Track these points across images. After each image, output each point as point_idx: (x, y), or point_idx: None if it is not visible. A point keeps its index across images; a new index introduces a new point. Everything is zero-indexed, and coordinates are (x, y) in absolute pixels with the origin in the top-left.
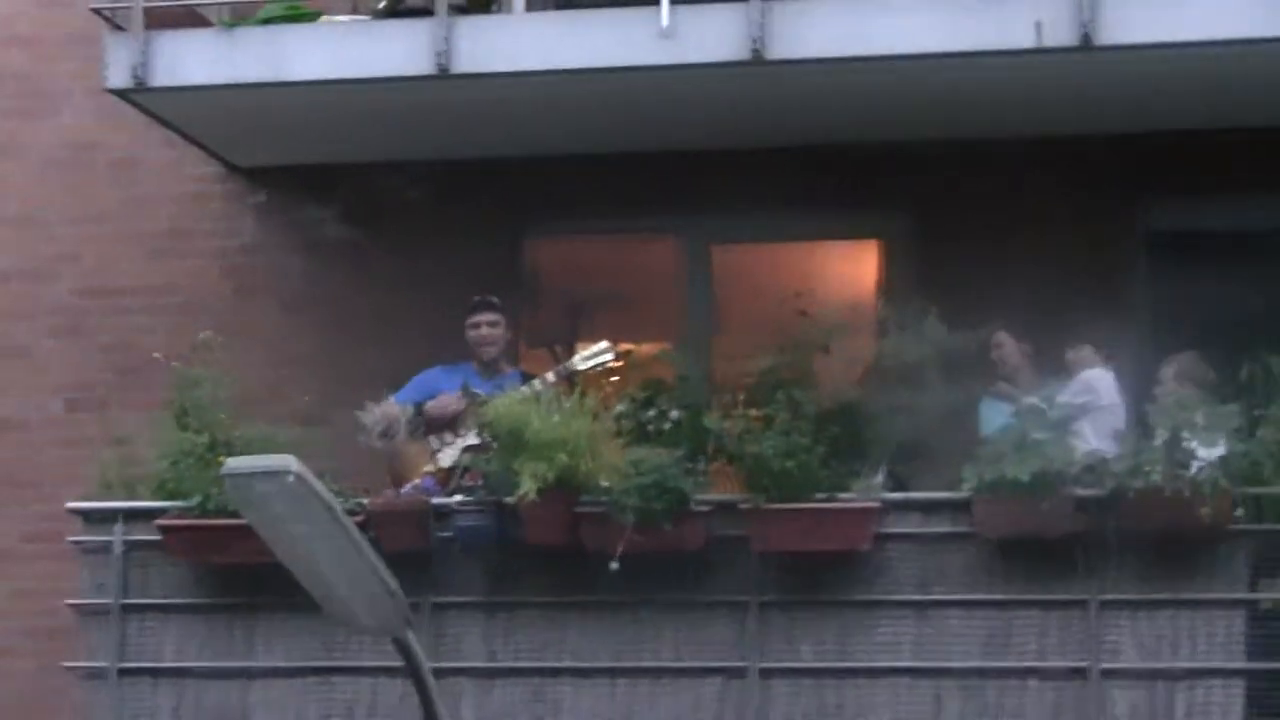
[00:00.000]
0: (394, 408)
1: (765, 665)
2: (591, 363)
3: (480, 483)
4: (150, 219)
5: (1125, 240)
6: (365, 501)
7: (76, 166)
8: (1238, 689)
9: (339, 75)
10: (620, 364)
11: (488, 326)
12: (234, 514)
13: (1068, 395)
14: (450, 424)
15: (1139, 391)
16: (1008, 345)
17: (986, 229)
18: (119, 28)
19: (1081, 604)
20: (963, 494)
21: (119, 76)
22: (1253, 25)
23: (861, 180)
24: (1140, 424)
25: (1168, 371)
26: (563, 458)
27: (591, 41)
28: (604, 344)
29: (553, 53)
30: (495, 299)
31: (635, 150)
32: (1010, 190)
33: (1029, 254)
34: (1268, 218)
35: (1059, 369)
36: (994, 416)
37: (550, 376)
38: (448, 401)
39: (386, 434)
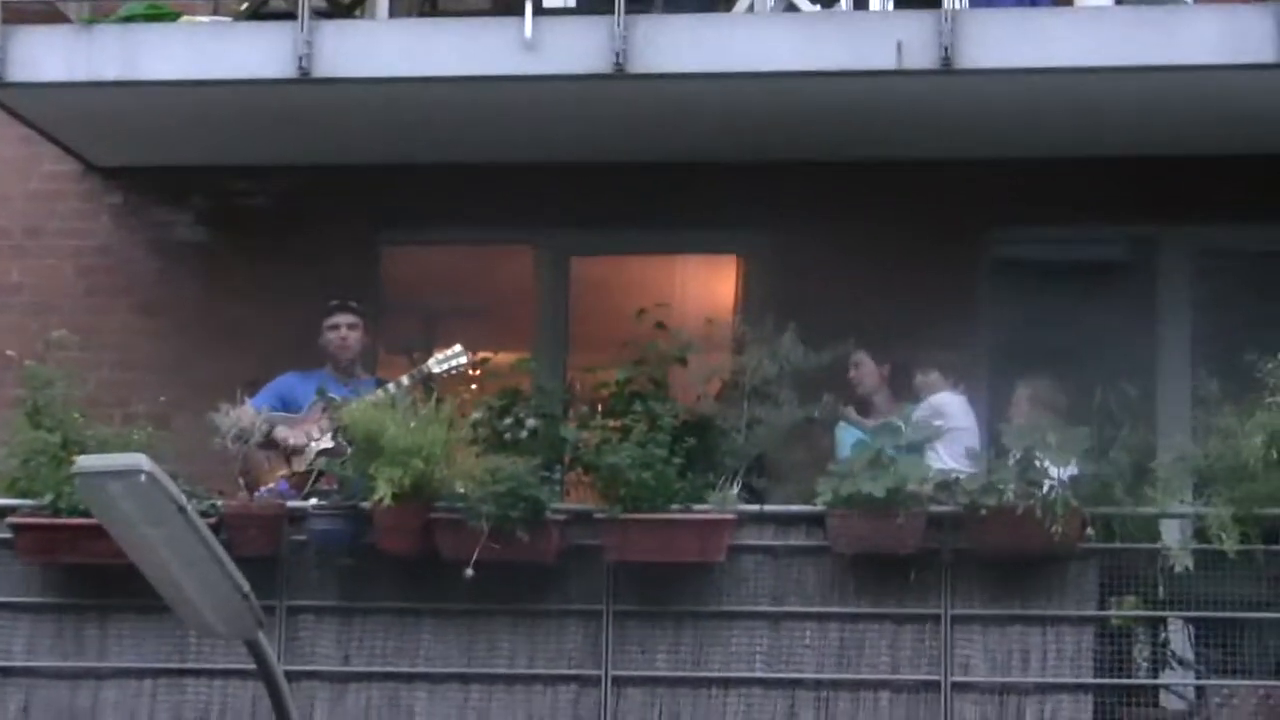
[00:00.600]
0: (248, 411)
1: (619, 674)
2: (446, 365)
3: (335, 487)
4: (1, 216)
5: (973, 265)
6: (219, 504)
7: None
8: (1086, 704)
9: (198, 76)
10: (475, 370)
11: (347, 329)
12: (85, 513)
13: (917, 417)
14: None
15: (988, 414)
16: (865, 365)
17: (842, 249)
18: None
19: (934, 618)
20: (817, 508)
21: None
22: (1108, 53)
23: (721, 196)
24: (994, 445)
25: (1021, 394)
26: (418, 464)
27: (455, 50)
28: (458, 348)
29: (415, 59)
30: (354, 302)
31: (496, 161)
32: (866, 211)
33: (883, 276)
34: (1110, 249)
35: (911, 391)
36: (849, 439)
37: (405, 380)
38: (290, 435)
39: (240, 437)
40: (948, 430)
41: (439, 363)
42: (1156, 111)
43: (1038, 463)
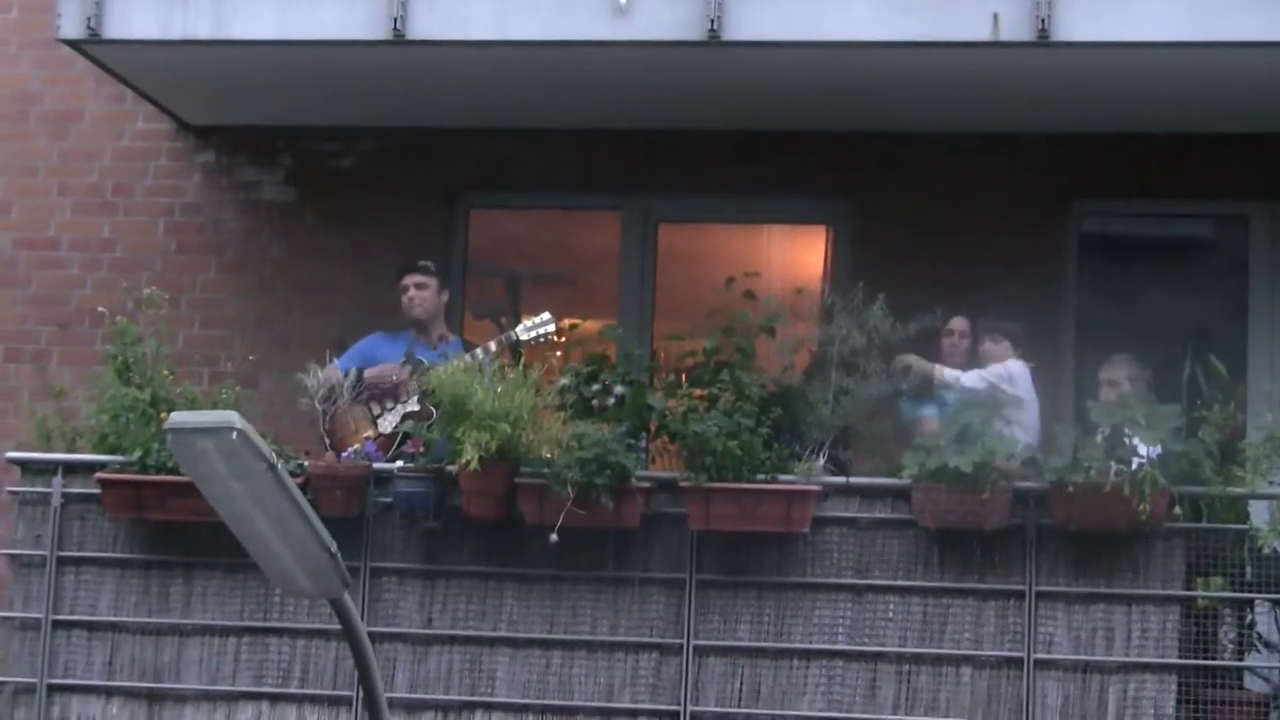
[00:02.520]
0: (335, 372)
1: (700, 643)
2: (534, 334)
3: (421, 450)
4: (90, 173)
5: (1062, 239)
6: (305, 464)
7: (11, 118)
8: (1170, 684)
9: (290, 36)
10: (561, 337)
11: (415, 289)
12: (173, 471)
13: (988, 375)
14: (391, 390)
15: (1074, 389)
16: (960, 336)
17: (931, 220)
18: None
19: (1018, 595)
20: (903, 481)
21: (72, 27)
22: (1203, 28)
23: (810, 165)
24: (1079, 421)
25: (1119, 374)
26: (504, 428)
27: (547, 14)
28: (546, 315)
29: (508, 23)
30: (428, 262)
31: (585, 126)
32: (955, 183)
33: (971, 248)
34: (1200, 225)
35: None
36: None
37: (492, 346)
38: (389, 370)
39: (329, 398)
40: (1022, 400)
41: (527, 330)
42: (1248, 87)
43: (1126, 440)
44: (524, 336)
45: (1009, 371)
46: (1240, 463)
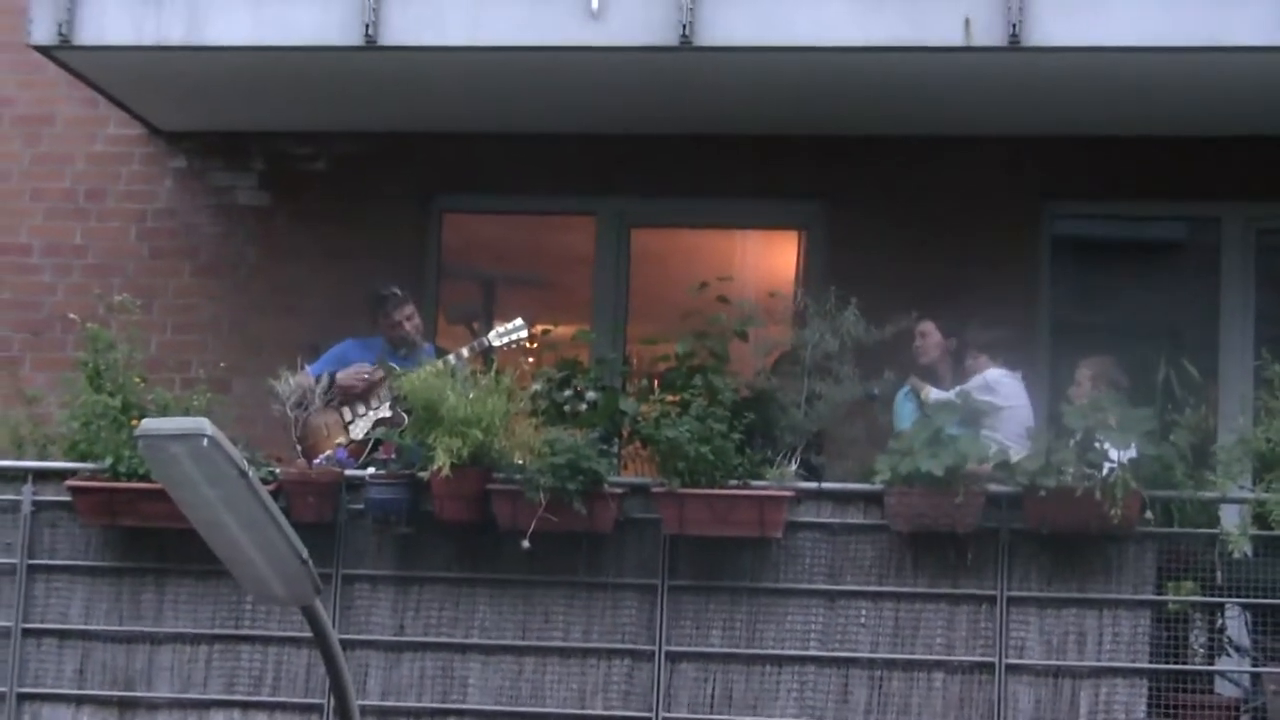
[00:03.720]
0: (308, 378)
1: (673, 649)
2: (506, 339)
3: (393, 456)
4: (62, 178)
5: (1035, 242)
6: (277, 470)
7: None
8: (1141, 689)
9: (263, 42)
10: (534, 342)
11: (408, 321)
12: (145, 477)
13: (966, 389)
14: (363, 395)
15: (1049, 391)
16: (931, 335)
17: (904, 224)
18: None
19: (989, 599)
20: (876, 486)
21: (43, 33)
22: (1174, 33)
23: (784, 170)
24: (1054, 424)
25: (1083, 374)
26: (477, 434)
27: (520, 19)
28: (519, 321)
29: (481, 28)
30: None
31: (559, 130)
32: (928, 186)
33: (944, 251)
34: (1171, 227)
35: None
36: (908, 411)
37: (465, 352)
38: (362, 370)
39: (301, 404)
40: (1000, 408)
41: (500, 335)
42: (1219, 90)
43: (1098, 444)
44: (497, 342)
45: (986, 381)
46: (1212, 466)
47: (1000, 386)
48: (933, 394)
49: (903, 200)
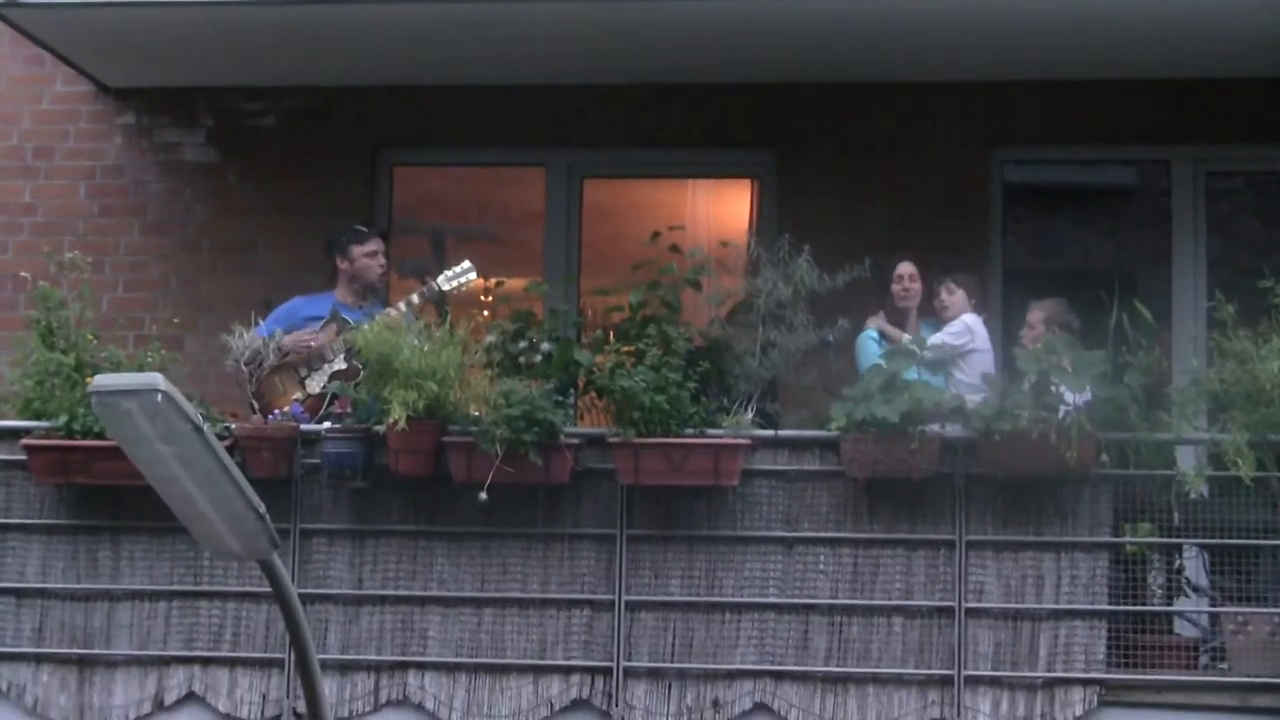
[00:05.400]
0: (258, 339)
1: (632, 598)
2: (455, 282)
3: (349, 410)
4: (9, 136)
5: (986, 188)
6: (233, 426)
7: None
8: (1100, 630)
9: None
10: (487, 296)
11: (384, 255)
12: (100, 435)
13: (948, 336)
14: (318, 351)
15: (1002, 336)
16: (917, 279)
17: (856, 171)
18: None
19: (947, 544)
20: (831, 433)
21: None
22: None
23: (735, 118)
24: (1006, 368)
25: (1035, 316)
26: (432, 387)
27: None
28: (467, 264)
29: None
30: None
31: (507, 82)
32: (879, 133)
33: (895, 198)
34: (1122, 171)
35: (926, 311)
36: (873, 352)
37: (415, 298)
38: (304, 337)
39: (253, 361)
40: (969, 352)
41: (448, 279)
42: (1168, 34)
43: (1053, 387)
44: (446, 286)
45: (968, 327)
46: (1166, 408)
47: (979, 331)
48: (907, 340)
49: (854, 148)
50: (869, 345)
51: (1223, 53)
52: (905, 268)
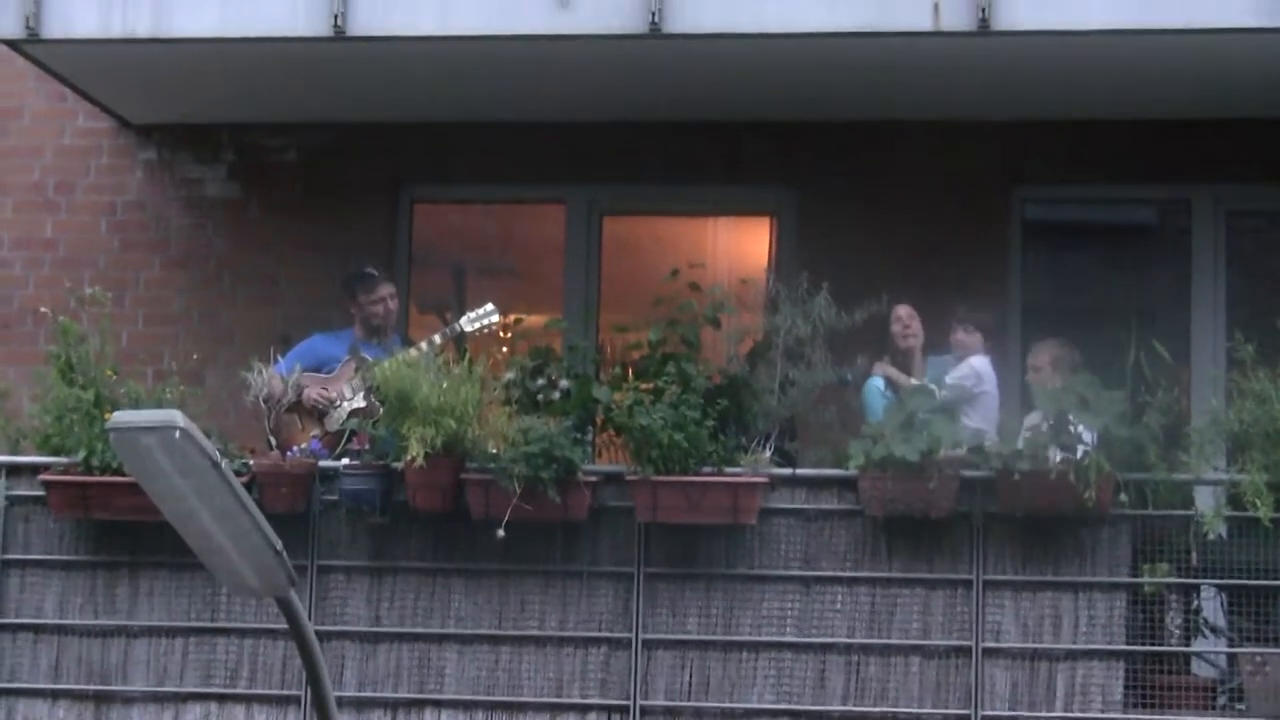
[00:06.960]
0: (277, 381)
1: (649, 636)
2: (478, 324)
3: (367, 446)
4: (31, 171)
5: (1005, 227)
6: (251, 462)
7: None
8: (1117, 670)
9: (231, 34)
10: (507, 332)
11: (390, 299)
12: (118, 470)
13: (955, 378)
14: (319, 415)
15: (1019, 375)
16: (916, 321)
17: (875, 209)
18: None
19: (965, 583)
20: (849, 471)
21: (10, 26)
22: (1142, 16)
23: (755, 156)
24: (1024, 407)
25: (1041, 359)
26: (451, 423)
27: (490, 7)
28: (489, 306)
29: (450, 17)
30: (380, 269)
31: (529, 119)
32: (899, 171)
33: (915, 236)
34: (1142, 210)
35: (941, 348)
36: (878, 398)
37: (436, 338)
38: (324, 393)
39: (270, 400)
40: (980, 393)
41: (470, 321)
42: (1188, 74)
43: (1071, 427)
44: (468, 328)
45: (975, 370)
46: (1185, 448)
47: (986, 374)
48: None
49: (873, 185)
50: (875, 396)
51: (1243, 93)
52: (902, 309)
